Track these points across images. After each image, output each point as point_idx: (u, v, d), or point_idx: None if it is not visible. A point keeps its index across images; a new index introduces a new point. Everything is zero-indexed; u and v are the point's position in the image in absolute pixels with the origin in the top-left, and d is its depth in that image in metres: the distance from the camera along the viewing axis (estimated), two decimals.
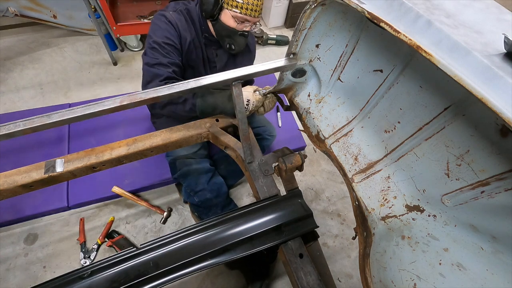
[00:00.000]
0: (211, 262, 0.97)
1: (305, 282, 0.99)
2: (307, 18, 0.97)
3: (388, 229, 1.06)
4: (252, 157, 1.23)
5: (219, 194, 1.66)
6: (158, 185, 1.87)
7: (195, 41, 1.42)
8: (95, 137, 1.90)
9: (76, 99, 2.37)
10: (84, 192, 1.71)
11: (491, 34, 0.67)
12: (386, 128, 1.07)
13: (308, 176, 2.24)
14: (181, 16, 1.37)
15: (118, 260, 0.94)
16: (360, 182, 1.15)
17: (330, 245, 1.94)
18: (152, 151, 1.20)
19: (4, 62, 2.53)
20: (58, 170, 1.04)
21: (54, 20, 2.61)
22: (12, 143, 1.73)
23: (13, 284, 1.58)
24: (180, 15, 1.37)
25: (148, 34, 1.35)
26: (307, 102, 1.30)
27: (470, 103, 0.77)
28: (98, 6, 2.20)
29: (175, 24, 1.33)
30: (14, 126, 0.87)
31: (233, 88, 1.07)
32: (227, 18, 1.32)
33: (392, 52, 0.94)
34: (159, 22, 1.33)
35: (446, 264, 0.90)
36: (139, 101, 0.97)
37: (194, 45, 1.43)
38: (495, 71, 0.56)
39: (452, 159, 0.86)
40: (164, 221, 1.85)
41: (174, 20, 1.33)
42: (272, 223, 1.06)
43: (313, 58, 1.15)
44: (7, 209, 1.59)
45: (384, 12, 0.73)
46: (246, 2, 1.26)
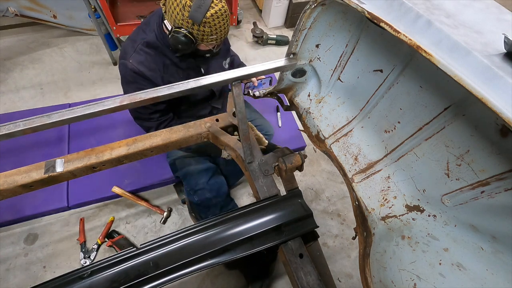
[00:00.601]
0: (211, 262, 0.97)
1: (305, 282, 0.98)
2: (307, 18, 0.97)
3: (388, 229, 1.06)
4: (252, 157, 1.23)
5: (218, 194, 1.66)
6: (158, 185, 1.87)
7: (168, 67, 1.39)
8: (95, 137, 1.90)
9: (76, 99, 2.37)
10: (84, 192, 1.71)
11: (491, 34, 0.67)
12: (386, 128, 1.07)
13: (308, 176, 2.24)
14: (142, 55, 1.32)
15: (118, 260, 0.93)
16: (360, 182, 1.15)
17: (330, 245, 1.94)
18: (152, 151, 1.20)
19: (4, 62, 2.53)
20: (58, 170, 1.04)
21: (54, 20, 2.61)
22: (12, 143, 1.72)
23: (13, 284, 1.58)
24: (141, 54, 1.32)
25: (122, 85, 1.40)
26: (307, 102, 1.30)
27: (470, 103, 0.77)
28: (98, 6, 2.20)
29: (137, 70, 1.30)
30: (14, 126, 0.86)
31: (233, 88, 1.07)
32: (204, 47, 1.32)
33: (392, 52, 0.94)
34: (125, 76, 1.34)
35: (446, 264, 0.89)
36: (139, 101, 0.97)
37: (169, 72, 1.40)
38: (495, 71, 0.56)
39: (452, 159, 0.86)
40: (164, 221, 1.85)
41: (134, 67, 1.30)
42: (272, 223, 1.06)
43: (313, 58, 1.15)
44: (7, 209, 1.59)
45: (384, 12, 0.73)
46: (220, 34, 1.26)
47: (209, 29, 1.22)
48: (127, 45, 1.36)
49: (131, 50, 1.32)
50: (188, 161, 1.62)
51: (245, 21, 3.23)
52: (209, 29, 1.22)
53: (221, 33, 1.27)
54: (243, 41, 3.06)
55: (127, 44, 1.36)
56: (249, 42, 3.06)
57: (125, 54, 1.33)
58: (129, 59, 1.30)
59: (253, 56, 2.95)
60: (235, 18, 2.63)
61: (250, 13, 3.38)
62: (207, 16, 1.18)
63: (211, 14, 1.18)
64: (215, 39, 1.27)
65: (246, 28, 3.16)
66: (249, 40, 3.07)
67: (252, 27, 3.00)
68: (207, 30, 1.22)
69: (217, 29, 1.24)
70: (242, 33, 3.14)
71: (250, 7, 3.45)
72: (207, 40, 1.26)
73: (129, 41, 1.37)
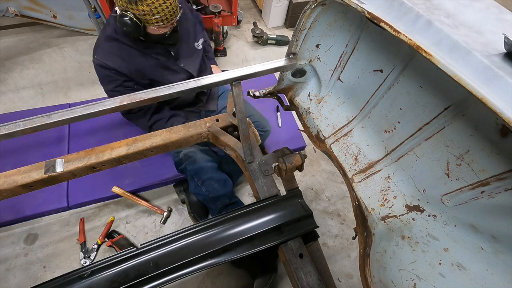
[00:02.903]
0: (211, 262, 0.97)
1: (305, 282, 0.99)
2: (307, 18, 0.97)
3: (388, 229, 1.06)
4: (252, 157, 1.23)
5: (226, 185, 1.65)
6: (158, 185, 1.87)
7: (134, 56, 1.40)
8: (95, 137, 1.90)
9: (76, 99, 2.37)
10: (84, 192, 1.71)
11: (491, 34, 0.67)
12: (386, 128, 1.07)
13: (308, 176, 2.24)
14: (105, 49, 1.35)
15: (118, 260, 0.94)
16: (360, 182, 1.15)
17: (330, 245, 1.94)
18: (152, 151, 1.20)
19: (4, 62, 2.53)
20: (58, 170, 1.04)
21: (54, 20, 2.61)
22: (12, 143, 1.73)
23: (13, 284, 1.58)
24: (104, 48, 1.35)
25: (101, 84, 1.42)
26: (307, 102, 1.30)
27: (470, 103, 0.77)
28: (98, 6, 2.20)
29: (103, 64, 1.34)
30: (14, 126, 0.87)
31: (233, 88, 1.07)
32: (154, 31, 1.31)
33: (392, 52, 0.94)
34: (97, 72, 1.38)
35: (446, 264, 0.90)
36: (139, 101, 0.97)
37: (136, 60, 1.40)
38: (495, 71, 0.56)
39: (452, 159, 0.86)
40: (164, 221, 1.85)
41: (100, 62, 1.33)
42: (272, 223, 1.06)
43: (313, 58, 1.15)
44: (7, 209, 1.59)
45: (384, 12, 0.73)
46: (164, 14, 1.22)
47: (148, 8, 1.18)
48: (95, 45, 1.40)
49: (96, 48, 1.37)
50: (194, 154, 1.61)
51: (245, 21, 3.23)
52: (148, 8, 1.18)
53: (165, 12, 1.21)
54: (243, 41, 3.06)
55: (95, 44, 1.40)
56: (249, 42, 3.06)
57: (94, 54, 1.37)
58: (94, 57, 1.35)
59: (253, 56, 2.95)
60: (235, 18, 2.63)
61: (250, 13, 3.38)
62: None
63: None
64: (160, 19, 1.22)
65: (246, 28, 3.16)
66: (249, 40, 3.07)
67: (252, 27, 3.00)
68: (146, 9, 1.18)
69: (157, 8, 1.19)
70: (242, 33, 3.14)
71: (250, 7, 3.45)
72: (152, 21, 1.23)
73: (96, 42, 1.41)
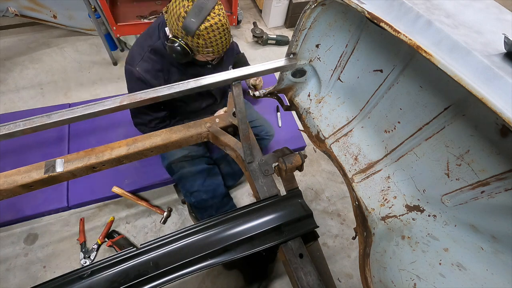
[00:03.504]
0: (211, 262, 0.97)
1: (305, 282, 0.99)
2: (307, 18, 0.97)
3: (388, 229, 1.06)
4: (252, 157, 1.23)
5: (215, 195, 1.65)
6: (158, 185, 1.87)
7: (173, 74, 1.40)
8: (95, 137, 1.89)
9: (76, 99, 2.37)
10: (84, 192, 1.70)
11: (491, 34, 0.67)
12: (386, 128, 1.07)
13: (308, 176, 2.24)
14: (149, 62, 1.33)
15: (118, 260, 0.94)
16: (360, 182, 1.15)
17: (330, 245, 1.94)
18: (152, 151, 1.20)
19: (4, 62, 2.53)
20: (58, 170, 1.04)
21: (54, 20, 2.61)
22: (12, 143, 1.73)
23: (13, 284, 1.58)
24: (148, 62, 1.33)
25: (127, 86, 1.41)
26: (307, 102, 1.30)
27: (470, 103, 0.77)
28: (98, 6, 2.20)
29: (143, 78, 1.31)
30: (14, 126, 0.87)
31: (233, 88, 1.07)
32: (201, 57, 1.32)
33: (392, 52, 0.94)
34: (130, 81, 1.37)
35: (446, 264, 0.90)
36: (139, 101, 0.97)
37: (174, 78, 1.41)
38: (495, 71, 0.56)
39: (452, 159, 0.86)
40: (164, 221, 1.85)
41: (141, 75, 1.31)
42: (272, 223, 1.06)
43: (313, 58, 1.15)
44: (7, 209, 1.59)
45: (384, 12, 0.73)
46: (217, 47, 1.24)
47: (204, 42, 1.20)
48: (134, 51, 1.36)
49: (138, 57, 1.33)
50: (182, 164, 1.61)
51: (245, 21, 3.23)
52: (203, 42, 1.19)
53: (218, 47, 1.24)
54: (243, 41, 3.06)
55: (135, 50, 1.37)
56: (249, 42, 3.06)
57: (132, 61, 1.34)
58: (135, 67, 1.31)
59: (253, 56, 2.95)
60: (235, 18, 2.63)
61: (250, 13, 3.38)
62: (201, 29, 1.15)
63: (205, 27, 1.15)
64: (211, 52, 1.25)
65: (246, 28, 3.16)
66: (249, 40, 3.07)
67: (252, 27, 3.00)
68: (201, 43, 1.20)
69: (212, 43, 1.21)
70: (242, 33, 3.14)
71: (250, 7, 3.45)
72: (203, 52, 1.25)
73: (136, 47, 1.37)
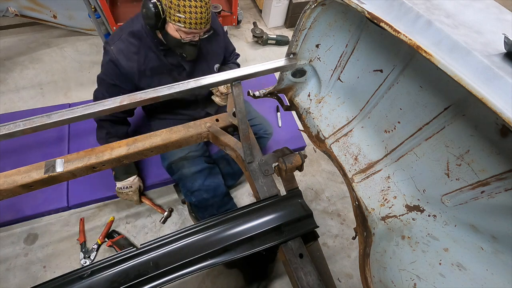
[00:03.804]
0: (211, 262, 0.97)
1: (305, 282, 0.99)
2: (307, 18, 0.97)
3: (388, 229, 1.06)
4: (252, 157, 1.23)
5: (215, 194, 1.65)
6: (158, 185, 1.87)
7: (150, 60, 1.38)
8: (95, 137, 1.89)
9: (76, 99, 2.37)
10: (84, 192, 1.70)
11: (491, 34, 0.67)
12: (386, 128, 1.07)
13: (308, 176, 2.24)
14: (125, 43, 1.32)
15: (118, 260, 0.94)
16: (360, 182, 1.15)
17: (330, 245, 1.94)
18: (152, 151, 1.20)
19: (4, 62, 2.53)
20: (58, 170, 1.04)
21: (54, 20, 2.61)
22: (12, 143, 1.72)
23: (13, 284, 1.58)
24: (124, 42, 1.32)
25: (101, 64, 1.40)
26: (307, 102, 1.30)
27: (470, 103, 0.77)
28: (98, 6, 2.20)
29: (115, 59, 1.31)
30: (14, 126, 0.86)
31: (233, 88, 1.07)
32: (172, 31, 1.26)
33: (392, 52, 0.94)
34: (104, 59, 1.36)
35: (446, 264, 0.90)
36: (139, 101, 0.97)
37: (150, 64, 1.39)
38: (495, 71, 0.56)
39: (452, 159, 0.86)
40: (164, 221, 1.85)
41: (113, 56, 1.31)
42: (272, 223, 1.06)
43: (313, 58, 1.15)
44: (7, 209, 1.59)
45: (384, 12, 0.73)
46: (189, 17, 1.17)
47: (177, 2, 1.14)
48: (115, 33, 1.38)
49: (116, 38, 1.34)
50: (182, 163, 1.61)
51: (245, 21, 3.23)
52: (176, 2, 1.14)
53: (190, 17, 1.17)
54: (243, 41, 3.06)
55: (116, 32, 1.39)
56: (249, 42, 3.06)
57: (111, 40, 1.35)
58: (111, 45, 1.32)
59: (253, 56, 2.95)
60: (235, 18, 2.62)
61: (250, 13, 3.38)
62: None
63: None
64: (183, 20, 1.18)
65: (246, 28, 3.16)
66: (249, 40, 3.07)
67: (252, 27, 3.00)
68: (174, 2, 1.14)
69: (185, 7, 1.14)
70: (242, 33, 3.14)
71: (250, 7, 3.45)
72: (174, 18, 1.18)
73: (118, 30, 1.39)
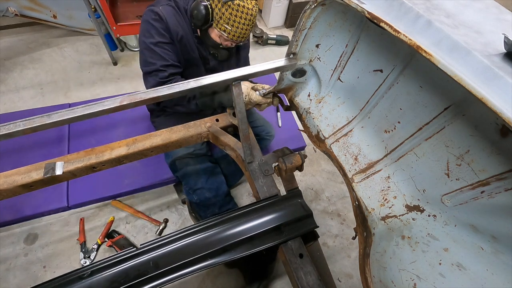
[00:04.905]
0: (211, 262, 0.97)
1: (305, 282, 0.99)
2: (307, 18, 0.97)
3: (388, 229, 1.06)
4: (252, 157, 1.23)
5: (218, 193, 1.66)
6: (158, 185, 1.87)
7: (187, 37, 1.40)
8: (95, 137, 1.89)
9: (76, 99, 2.37)
10: (84, 192, 1.70)
11: (491, 34, 0.67)
12: (386, 128, 1.07)
13: (308, 176, 2.24)
14: (172, 9, 1.33)
15: (118, 260, 0.94)
16: (360, 182, 1.15)
17: (330, 245, 1.94)
18: (152, 151, 1.20)
19: (4, 62, 2.53)
20: (57, 173, 1.03)
21: (54, 20, 2.61)
22: (12, 143, 1.72)
23: (13, 284, 1.58)
24: (171, 8, 1.33)
25: (140, 32, 1.35)
26: (307, 102, 1.30)
27: (470, 103, 0.77)
28: (98, 6, 2.20)
29: (164, 18, 1.30)
30: (14, 126, 0.86)
31: (233, 88, 1.07)
32: (214, 34, 1.33)
33: (392, 52, 0.94)
34: (149, 19, 1.31)
35: (446, 264, 0.90)
36: (139, 101, 0.96)
37: (188, 41, 1.41)
38: (495, 71, 0.56)
39: (452, 159, 0.86)
40: (160, 233, 1.83)
41: (163, 15, 1.30)
42: (272, 223, 1.06)
43: (313, 58, 1.15)
44: (7, 209, 1.59)
45: (384, 12, 0.73)
46: (235, 31, 1.27)
47: (229, 16, 1.21)
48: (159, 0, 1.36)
49: (164, 2, 1.33)
50: (187, 161, 1.61)
51: None
52: (228, 15, 1.21)
53: (236, 31, 1.25)
54: None
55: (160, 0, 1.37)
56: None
57: (157, 3, 1.34)
58: (159, 6, 1.31)
59: (253, 56, 2.93)
60: None
61: None
62: (235, 2, 1.18)
63: (239, 4, 1.18)
64: (228, 31, 1.26)
65: None
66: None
67: None
68: (226, 15, 1.21)
69: (235, 22, 1.22)
70: None
71: None
72: (220, 26, 1.25)
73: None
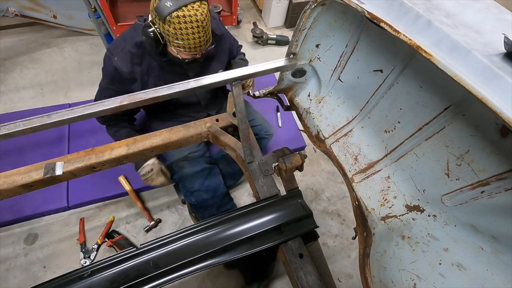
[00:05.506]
0: (211, 262, 0.97)
1: (305, 282, 0.98)
2: (307, 18, 0.97)
3: (388, 229, 1.06)
4: (252, 157, 1.23)
5: (215, 195, 1.65)
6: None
7: (153, 70, 1.36)
8: (95, 137, 1.89)
9: (76, 99, 2.37)
10: (84, 192, 1.70)
11: (491, 34, 0.67)
12: (386, 128, 1.07)
13: (308, 176, 2.24)
14: (127, 55, 1.30)
15: (118, 260, 0.93)
16: (360, 182, 1.15)
17: (330, 245, 1.94)
18: (152, 151, 1.20)
19: (4, 62, 2.53)
20: (57, 173, 1.03)
21: (54, 20, 2.61)
22: (12, 143, 1.72)
23: (13, 284, 1.58)
24: (127, 54, 1.30)
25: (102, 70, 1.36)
26: (307, 102, 1.30)
27: (470, 103, 0.77)
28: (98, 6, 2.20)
29: (119, 69, 1.28)
30: (14, 126, 0.87)
31: (233, 88, 1.07)
32: (174, 52, 1.25)
33: (392, 52, 0.94)
34: (107, 64, 1.32)
35: (446, 264, 0.90)
36: (139, 101, 0.97)
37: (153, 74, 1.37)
38: (495, 71, 0.56)
39: (452, 159, 0.86)
40: (148, 230, 1.82)
41: (119, 67, 1.28)
42: (272, 223, 1.06)
43: (313, 58, 1.15)
44: (7, 209, 1.59)
45: (384, 12, 0.73)
46: (188, 43, 1.16)
47: (174, 31, 1.12)
48: (117, 42, 1.33)
49: (119, 48, 1.30)
50: (183, 164, 1.61)
51: (245, 21, 3.23)
52: (173, 31, 1.12)
53: (189, 43, 1.15)
54: (243, 41, 3.06)
55: (118, 41, 1.33)
56: (249, 42, 3.06)
57: (114, 49, 1.31)
58: (114, 56, 1.29)
59: (253, 56, 2.95)
60: (235, 18, 2.63)
61: (250, 13, 3.38)
62: (173, 16, 1.07)
63: (177, 16, 1.07)
64: (182, 45, 1.17)
65: (246, 28, 3.16)
66: (249, 40, 3.07)
67: (252, 27, 3.00)
68: (171, 31, 1.12)
69: (183, 35, 1.12)
70: (242, 33, 3.14)
71: (250, 7, 3.45)
72: (173, 43, 1.17)
73: (120, 38, 1.34)
